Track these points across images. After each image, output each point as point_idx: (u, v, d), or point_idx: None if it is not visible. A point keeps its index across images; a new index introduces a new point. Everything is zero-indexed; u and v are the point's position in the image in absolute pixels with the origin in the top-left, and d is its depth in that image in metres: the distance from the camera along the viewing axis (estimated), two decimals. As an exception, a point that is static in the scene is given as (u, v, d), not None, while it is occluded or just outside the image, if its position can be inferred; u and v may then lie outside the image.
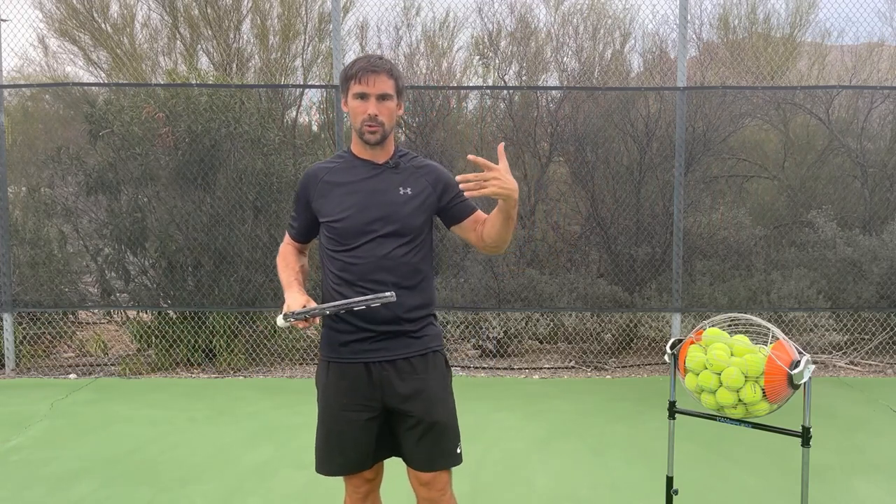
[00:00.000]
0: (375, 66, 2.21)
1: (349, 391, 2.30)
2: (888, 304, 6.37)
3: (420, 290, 2.31)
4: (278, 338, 6.50)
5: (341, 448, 2.32)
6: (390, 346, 2.28)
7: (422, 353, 2.32)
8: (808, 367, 2.32)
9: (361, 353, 2.28)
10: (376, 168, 2.32)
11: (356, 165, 2.33)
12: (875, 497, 3.70)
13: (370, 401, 2.29)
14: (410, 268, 2.28)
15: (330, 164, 2.39)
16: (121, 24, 7.94)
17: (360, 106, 2.23)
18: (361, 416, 2.29)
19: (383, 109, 2.23)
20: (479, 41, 7.31)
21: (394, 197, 2.27)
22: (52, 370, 6.38)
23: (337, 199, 2.30)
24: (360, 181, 2.30)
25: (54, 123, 8.12)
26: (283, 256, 2.49)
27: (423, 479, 2.32)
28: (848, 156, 6.66)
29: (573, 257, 6.74)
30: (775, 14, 7.75)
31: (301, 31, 7.77)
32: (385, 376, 2.28)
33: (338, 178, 2.33)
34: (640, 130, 6.59)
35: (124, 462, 4.17)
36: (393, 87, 2.24)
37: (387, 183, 2.30)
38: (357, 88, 2.22)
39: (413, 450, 2.31)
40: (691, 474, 3.87)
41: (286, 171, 6.38)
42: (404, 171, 2.33)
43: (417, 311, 2.31)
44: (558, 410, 5.15)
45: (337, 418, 2.31)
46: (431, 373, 2.32)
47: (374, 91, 2.21)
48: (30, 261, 6.46)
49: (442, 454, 2.32)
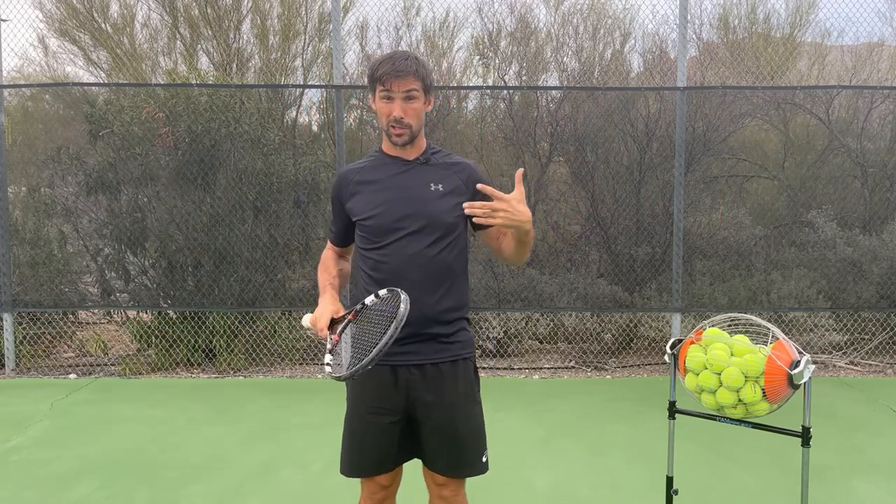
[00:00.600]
0: (399, 70, 2.15)
1: (374, 394, 2.25)
2: (888, 304, 6.37)
3: (452, 291, 2.25)
4: (278, 338, 6.50)
5: (363, 450, 2.28)
6: (420, 349, 2.23)
7: (452, 359, 2.26)
8: (808, 367, 2.32)
9: (389, 356, 2.17)
10: (406, 164, 2.27)
11: (386, 163, 2.29)
12: (875, 497, 3.70)
13: (394, 404, 2.25)
14: (442, 266, 2.22)
15: (360, 164, 2.35)
16: (121, 24, 7.94)
17: (385, 107, 2.18)
18: (384, 420, 2.25)
19: (409, 110, 2.18)
20: (479, 41, 7.31)
21: (423, 193, 2.22)
22: (52, 370, 6.38)
23: (367, 198, 2.25)
24: (390, 178, 2.26)
25: (54, 123, 8.12)
26: (323, 261, 2.45)
27: (439, 479, 2.30)
28: (848, 156, 6.66)
29: (573, 257, 6.74)
30: (775, 14, 7.75)
31: (301, 31, 7.77)
32: (411, 381, 2.23)
33: (368, 176, 2.29)
34: (640, 130, 6.59)
35: (124, 462, 4.17)
36: (420, 86, 2.18)
37: (417, 179, 2.25)
38: (382, 91, 2.18)
39: (434, 455, 2.28)
40: (691, 474, 3.87)
41: (286, 171, 6.38)
42: (436, 166, 2.28)
43: (449, 314, 2.25)
44: (558, 410, 5.15)
45: (361, 420, 2.28)
46: (459, 381, 2.27)
47: (398, 93, 2.16)
48: (30, 261, 6.46)
49: (465, 463, 2.29)
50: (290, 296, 6.49)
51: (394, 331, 1.92)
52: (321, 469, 4.04)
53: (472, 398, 2.33)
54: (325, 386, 5.90)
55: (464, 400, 2.29)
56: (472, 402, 2.32)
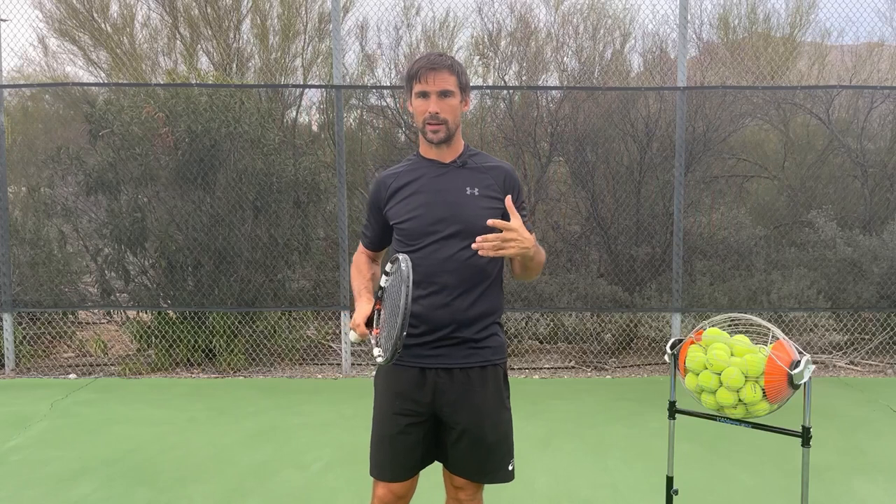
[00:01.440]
0: (435, 64, 2.17)
1: (402, 394, 2.25)
2: (888, 304, 6.37)
3: (485, 296, 2.24)
4: (278, 338, 6.50)
5: (393, 452, 2.26)
6: (450, 353, 2.22)
7: (481, 365, 2.25)
8: (808, 367, 2.32)
9: (419, 358, 2.22)
10: (443, 167, 2.27)
11: (422, 166, 2.29)
12: (875, 497, 3.70)
13: (421, 406, 2.24)
14: (475, 270, 2.20)
15: (398, 168, 2.35)
16: (121, 24, 7.94)
17: (421, 104, 2.19)
18: (412, 420, 2.24)
19: (445, 106, 2.18)
20: (479, 41, 7.30)
21: (459, 196, 2.21)
22: (52, 370, 6.37)
23: (405, 201, 2.26)
24: (426, 181, 2.25)
25: (54, 123, 8.12)
26: (356, 265, 2.44)
27: (459, 482, 2.29)
28: (848, 156, 6.66)
29: (573, 257, 6.74)
30: (775, 14, 7.76)
31: (301, 31, 7.77)
32: (439, 383, 2.22)
33: (405, 180, 2.28)
34: (640, 130, 6.59)
35: (124, 462, 4.17)
36: (455, 83, 2.19)
37: (453, 182, 2.24)
38: (418, 87, 2.17)
39: (459, 459, 2.26)
40: (691, 474, 3.87)
41: (286, 171, 6.38)
42: (473, 170, 2.27)
43: (482, 319, 2.24)
44: (558, 410, 5.15)
45: (389, 422, 2.26)
46: (488, 386, 2.26)
47: (434, 88, 2.16)
48: (30, 261, 6.46)
49: (490, 469, 2.27)
50: (290, 296, 6.49)
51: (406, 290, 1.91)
52: (321, 469, 4.04)
53: (502, 404, 2.31)
54: (325, 386, 5.90)
55: (493, 405, 2.27)
56: (501, 408, 2.30)
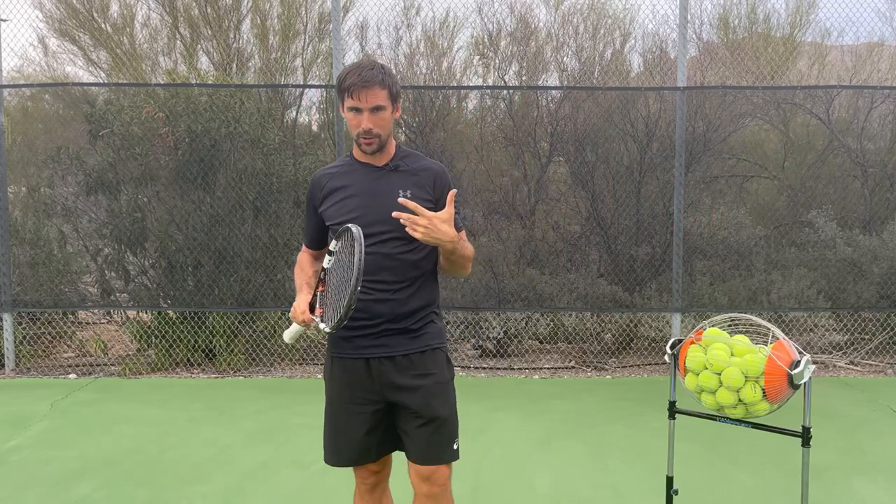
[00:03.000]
0: (366, 81, 2.22)
1: (351, 385, 2.37)
2: (888, 304, 6.37)
3: (422, 289, 2.37)
4: (278, 338, 6.50)
5: (347, 440, 2.40)
6: (390, 342, 2.34)
7: (421, 350, 2.37)
8: (808, 367, 2.32)
9: (362, 349, 2.34)
10: (376, 171, 2.36)
11: (356, 169, 2.38)
12: (875, 497, 3.70)
13: (371, 394, 2.35)
14: (411, 267, 2.33)
15: (332, 169, 2.44)
16: (121, 24, 7.93)
17: (354, 118, 2.27)
18: (365, 409, 2.36)
19: (377, 121, 2.26)
20: (479, 41, 7.30)
21: (393, 200, 2.28)
22: (52, 370, 6.37)
23: (340, 204, 2.35)
24: (361, 184, 2.34)
25: (54, 123, 8.11)
26: (299, 264, 2.54)
27: (424, 472, 2.34)
28: (848, 156, 6.66)
29: (573, 257, 6.73)
30: (775, 14, 7.75)
31: (301, 31, 7.77)
32: (384, 371, 2.33)
33: (340, 182, 2.37)
34: (640, 130, 6.59)
35: (124, 462, 4.17)
36: (386, 96, 2.26)
37: (387, 185, 2.33)
38: (350, 103, 2.25)
39: (411, 442, 2.36)
40: (691, 474, 3.87)
41: (286, 171, 6.38)
42: (405, 172, 2.36)
43: (419, 311, 2.37)
44: (558, 410, 5.15)
45: (341, 411, 2.41)
46: (430, 368, 2.37)
47: (366, 105, 2.23)
48: (30, 261, 6.46)
49: (439, 448, 2.35)
50: (290, 296, 6.47)
51: (359, 248, 2.05)
52: (321, 469, 4.03)
53: (445, 385, 2.41)
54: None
55: (436, 386, 2.36)
56: (444, 389, 2.40)
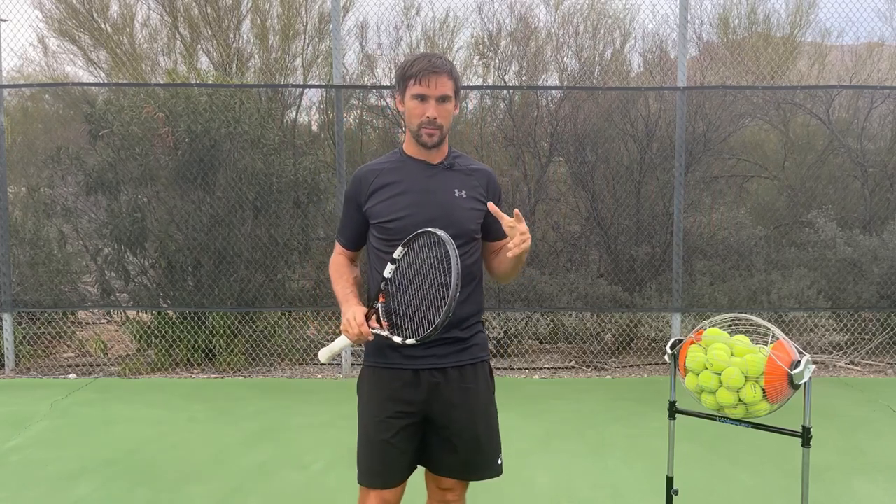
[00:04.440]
0: (437, 67, 2.13)
1: (397, 397, 2.21)
2: (888, 304, 6.37)
3: (473, 295, 2.27)
4: (278, 338, 6.50)
5: (388, 459, 2.22)
6: (443, 352, 2.22)
7: (472, 362, 2.27)
8: (808, 367, 2.32)
9: (411, 359, 2.20)
10: (431, 168, 2.24)
11: (409, 165, 2.25)
12: (875, 497, 3.70)
13: (415, 407, 2.22)
14: (466, 272, 2.16)
15: (380, 164, 2.29)
16: (121, 24, 7.93)
17: (418, 108, 2.15)
18: (406, 422, 2.22)
19: (442, 112, 2.16)
20: (479, 41, 7.30)
21: (449, 198, 2.20)
22: (52, 370, 6.37)
23: (390, 201, 2.21)
24: (415, 181, 2.22)
25: (54, 123, 8.11)
26: (336, 268, 2.36)
27: (447, 483, 2.29)
28: (848, 156, 6.66)
29: (573, 257, 6.73)
30: (775, 14, 7.75)
31: (301, 31, 7.76)
32: (433, 383, 2.21)
33: (390, 178, 2.23)
34: (640, 130, 6.59)
35: (124, 462, 4.17)
36: (452, 87, 2.17)
37: (442, 183, 2.23)
38: (416, 90, 2.14)
39: (450, 459, 2.25)
40: (691, 474, 3.87)
41: (286, 171, 6.38)
42: (459, 172, 2.27)
43: (470, 319, 2.26)
44: (558, 410, 5.15)
45: (382, 427, 2.21)
46: (480, 383, 2.28)
47: (434, 93, 2.13)
48: (30, 261, 6.46)
49: (482, 465, 2.29)
50: (290, 296, 6.49)
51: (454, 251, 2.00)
52: (321, 469, 4.04)
53: (491, 401, 2.34)
54: (325, 386, 5.90)
55: (484, 401, 2.30)
56: (490, 405, 2.33)
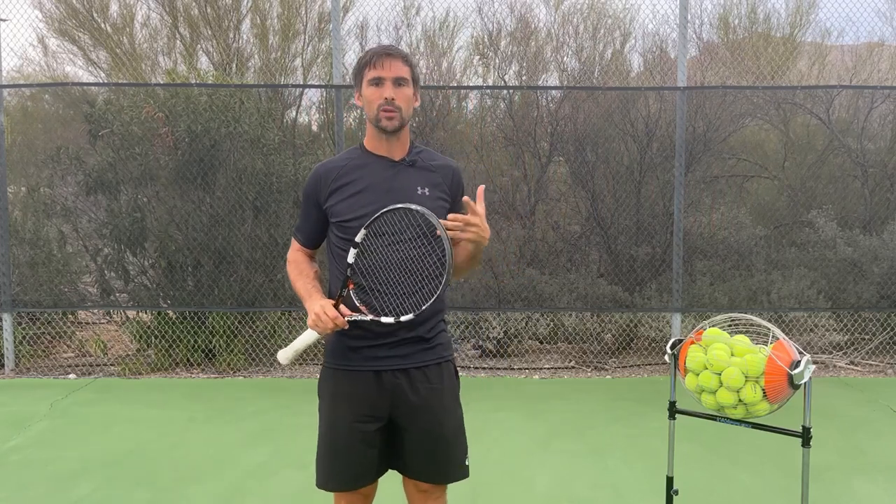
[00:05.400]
0: (390, 51, 2.15)
1: (358, 401, 2.19)
2: (888, 304, 6.36)
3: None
4: (278, 338, 6.50)
5: (349, 462, 2.20)
6: (404, 352, 2.18)
7: (436, 362, 2.24)
8: (808, 367, 2.32)
9: (373, 360, 2.17)
10: (393, 166, 2.20)
11: (370, 162, 2.20)
12: (875, 497, 3.70)
13: (377, 410, 2.19)
14: None
15: (341, 161, 2.24)
16: (120, 24, 7.93)
17: (375, 92, 2.12)
18: (369, 427, 2.18)
19: (400, 94, 2.13)
20: (479, 41, 7.30)
21: (411, 196, 2.15)
22: (52, 370, 6.37)
23: (351, 199, 2.17)
24: (376, 179, 2.18)
25: (54, 123, 8.11)
26: (296, 265, 2.32)
27: (423, 486, 2.27)
28: (848, 156, 6.66)
29: (573, 257, 6.73)
30: (775, 14, 7.76)
31: (301, 31, 7.76)
32: (396, 385, 2.18)
33: (351, 176, 2.19)
34: (641, 130, 6.59)
35: (124, 462, 4.16)
36: (409, 73, 2.15)
37: (404, 181, 2.18)
38: (372, 73, 2.12)
39: (419, 462, 2.23)
40: (691, 474, 3.86)
41: (286, 171, 6.38)
42: (422, 168, 2.23)
43: (433, 318, 2.23)
44: (558, 410, 5.15)
45: (346, 430, 2.19)
46: (444, 384, 2.25)
47: (389, 74, 2.11)
48: (29, 261, 6.46)
49: (450, 467, 2.26)
50: (290, 296, 6.48)
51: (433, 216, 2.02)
52: (321, 469, 4.04)
53: (455, 400, 2.31)
54: (325, 386, 5.90)
55: (450, 402, 2.27)
56: (456, 405, 2.31)
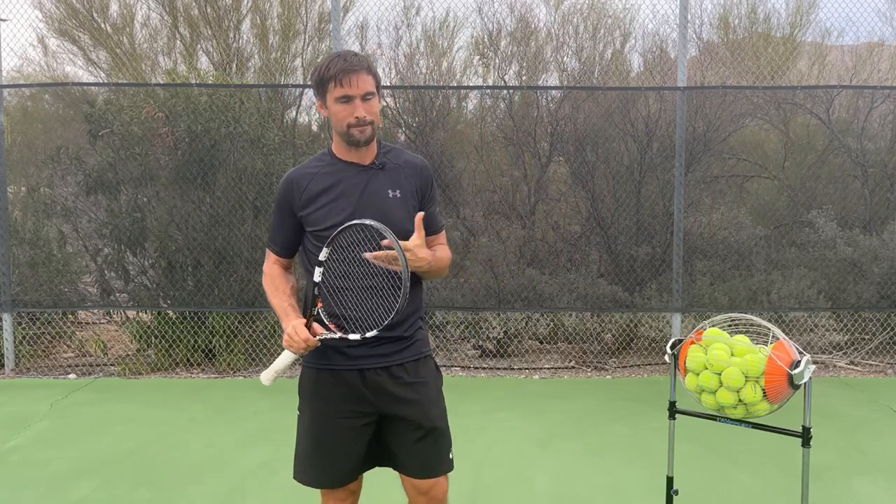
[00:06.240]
0: (354, 66, 2.12)
1: (344, 398, 2.24)
2: (888, 304, 6.36)
3: (414, 294, 2.24)
4: (278, 338, 6.49)
5: (332, 458, 2.25)
6: (384, 351, 2.23)
7: (415, 358, 2.29)
8: (808, 367, 2.32)
9: (355, 360, 2.22)
10: (364, 171, 2.23)
11: (341, 168, 2.23)
12: (875, 497, 3.70)
13: (365, 407, 2.24)
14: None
15: (311, 168, 2.27)
16: (120, 24, 7.93)
17: (344, 110, 2.14)
18: (356, 423, 2.24)
19: (369, 108, 2.15)
20: (479, 41, 7.29)
21: (383, 201, 2.19)
22: (52, 370, 6.37)
23: (328, 207, 2.20)
24: (350, 185, 2.21)
25: (54, 123, 8.11)
26: (271, 280, 2.34)
27: (423, 487, 2.28)
28: (848, 156, 6.65)
29: (573, 257, 6.73)
30: (775, 14, 7.75)
31: (301, 31, 7.76)
32: (380, 382, 2.23)
33: (324, 183, 2.22)
34: (641, 130, 6.59)
35: (124, 462, 4.17)
36: (373, 83, 2.17)
37: (375, 186, 2.21)
38: (339, 92, 2.12)
39: (409, 456, 2.27)
40: (691, 474, 3.86)
41: (286, 171, 6.35)
42: (391, 170, 2.25)
43: (410, 318, 2.27)
44: (558, 410, 5.15)
45: (330, 427, 2.25)
46: (425, 376, 2.30)
47: (357, 92, 2.12)
48: (29, 261, 6.45)
49: (439, 460, 2.29)
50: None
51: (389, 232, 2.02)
52: (321, 469, 4.04)
53: (439, 394, 2.36)
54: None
55: (432, 395, 2.31)
56: (440, 398, 2.35)
